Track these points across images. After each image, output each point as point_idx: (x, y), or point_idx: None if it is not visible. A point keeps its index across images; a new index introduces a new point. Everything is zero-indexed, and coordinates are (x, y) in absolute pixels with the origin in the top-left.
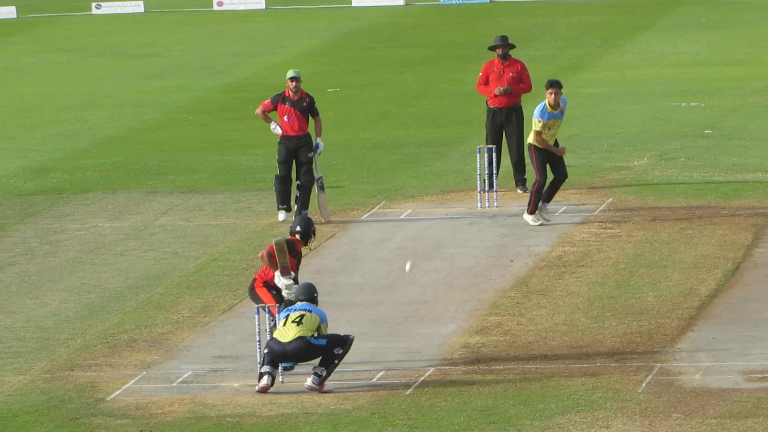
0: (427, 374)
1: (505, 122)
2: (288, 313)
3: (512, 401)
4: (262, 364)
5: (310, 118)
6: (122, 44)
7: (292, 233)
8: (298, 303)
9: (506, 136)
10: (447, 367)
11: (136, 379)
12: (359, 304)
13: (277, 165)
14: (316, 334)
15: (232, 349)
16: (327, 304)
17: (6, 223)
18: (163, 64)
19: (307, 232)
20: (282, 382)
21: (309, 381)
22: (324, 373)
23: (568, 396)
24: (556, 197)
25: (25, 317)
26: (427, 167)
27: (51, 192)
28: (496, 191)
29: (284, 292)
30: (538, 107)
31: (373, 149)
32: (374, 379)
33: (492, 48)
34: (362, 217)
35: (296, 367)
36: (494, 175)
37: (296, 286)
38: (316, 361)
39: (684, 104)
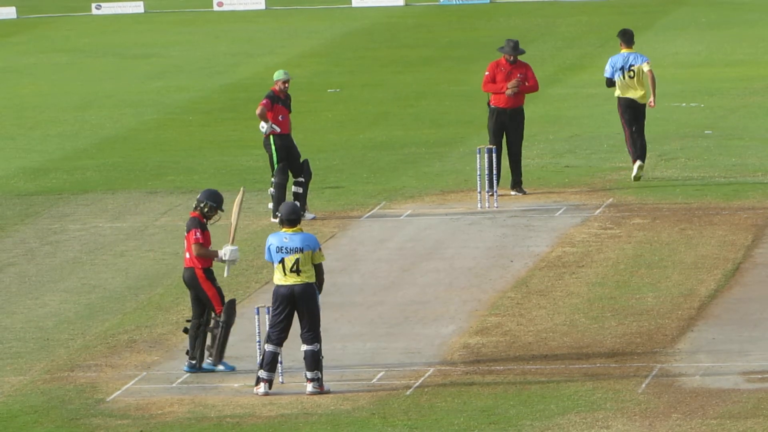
0: (427, 375)
1: (508, 122)
2: (282, 257)
3: (512, 402)
4: (260, 367)
5: None
6: (122, 44)
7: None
8: (286, 233)
9: (507, 137)
10: (447, 368)
11: (136, 379)
12: (359, 304)
13: (280, 168)
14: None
15: (232, 350)
16: (327, 304)
17: (6, 224)
18: (163, 64)
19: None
20: (282, 382)
21: (309, 388)
22: (319, 376)
23: (568, 396)
24: (556, 197)
25: (25, 318)
26: (427, 167)
27: (51, 192)
28: (496, 192)
29: (230, 258)
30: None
31: (373, 149)
32: (374, 380)
33: (502, 51)
34: (362, 218)
35: (292, 367)
36: (494, 176)
37: (235, 249)
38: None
39: (684, 104)
